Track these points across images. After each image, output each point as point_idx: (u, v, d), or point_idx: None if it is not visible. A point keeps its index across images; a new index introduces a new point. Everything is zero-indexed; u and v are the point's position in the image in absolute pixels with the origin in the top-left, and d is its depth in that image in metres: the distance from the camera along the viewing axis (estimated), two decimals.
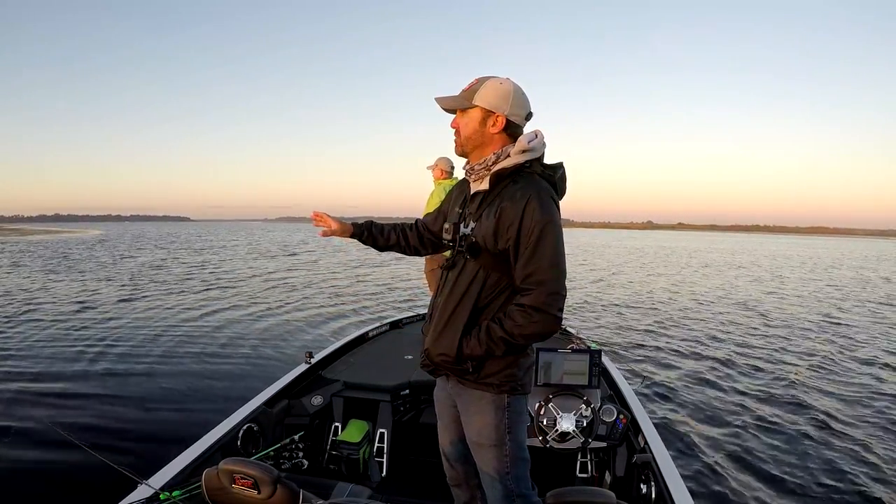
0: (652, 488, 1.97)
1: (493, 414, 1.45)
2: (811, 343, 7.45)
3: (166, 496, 1.50)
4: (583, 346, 3.03)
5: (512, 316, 1.34)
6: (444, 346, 1.42)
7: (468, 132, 1.42)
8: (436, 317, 1.48)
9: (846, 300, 12.40)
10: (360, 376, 2.89)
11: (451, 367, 1.45)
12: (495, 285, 1.40)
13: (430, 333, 1.49)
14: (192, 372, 5.19)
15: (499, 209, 1.36)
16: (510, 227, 1.34)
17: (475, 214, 1.44)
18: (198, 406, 4.26)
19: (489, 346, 1.37)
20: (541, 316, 1.32)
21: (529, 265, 1.33)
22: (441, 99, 1.46)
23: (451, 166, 4.15)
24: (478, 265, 1.41)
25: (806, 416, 4.47)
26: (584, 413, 2.34)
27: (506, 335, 1.34)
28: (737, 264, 23.79)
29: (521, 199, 1.34)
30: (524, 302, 1.33)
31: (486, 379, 1.44)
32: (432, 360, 1.48)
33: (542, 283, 1.32)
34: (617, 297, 11.67)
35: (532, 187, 1.36)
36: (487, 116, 1.40)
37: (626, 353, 6.45)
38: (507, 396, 1.46)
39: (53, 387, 4.62)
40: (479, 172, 1.44)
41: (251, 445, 2.27)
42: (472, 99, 1.40)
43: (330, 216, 1.69)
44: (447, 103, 1.45)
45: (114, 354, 5.76)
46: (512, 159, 1.39)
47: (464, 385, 1.48)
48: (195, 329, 7.17)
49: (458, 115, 1.45)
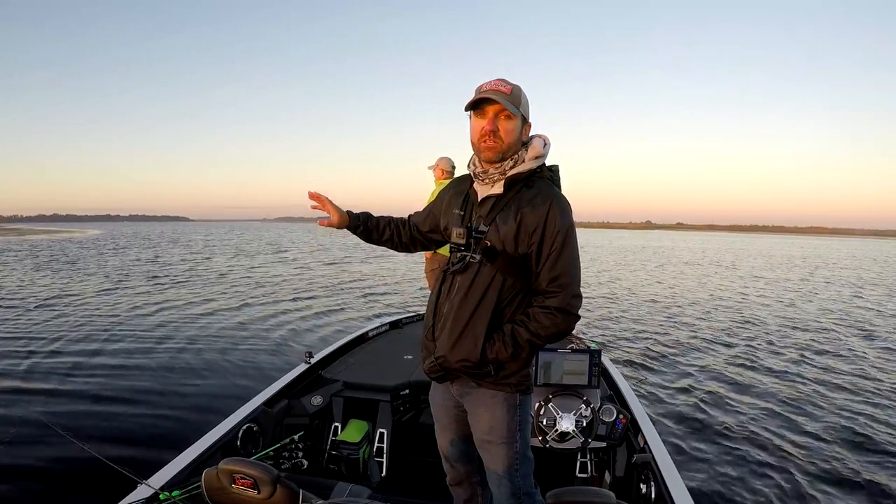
0: (652, 488, 1.97)
1: (505, 412, 1.47)
2: (811, 343, 7.46)
3: (166, 496, 1.50)
4: (582, 345, 3.02)
5: (537, 318, 1.37)
6: (465, 351, 1.41)
7: (512, 139, 1.40)
8: (448, 323, 1.45)
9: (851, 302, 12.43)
10: (360, 376, 2.89)
11: (472, 372, 1.45)
12: (512, 288, 1.41)
13: (442, 340, 1.46)
14: (192, 372, 5.19)
15: (519, 214, 1.38)
16: (534, 232, 1.36)
17: (487, 218, 1.43)
18: (198, 406, 4.25)
19: (515, 349, 1.39)
20: (565, 317, 1.37)
21: (555, 268, 1.36)
22: (504, 98, 1.35)
23: (452, 166, 4.10)
24: (494, 269, 1.40)
25: (806, 415, 4.48)
26: (583, 413, 2.34)
27: (532, 337, 1.37)
28: (725, 263, 23.83)
29: (542, 205, 1.37)
30: (549, 304, 1.37)
31: (506, 380, 1.46)
32: (449, 367, 1.45)
33: (566, 285, 1.37)
34: (617, 296, 11.68)
35: (550, 193, 1.40)
36: (524, 125, 1.43)
37: (626, 353, 6.45)
38: (519, 395, 1.49)
39: (53, 387, 4.62)
40: (492, 176, 1.43)
41: (251, 445, 2.27)
42: (519, 106, 1.39)
43: (329, 200, 1.63)
44: (508, 104, 1.35)
45: (113, 354, 5.75)
46: (527, 164, 1.42)
47: (479, 385, 1.48)
48: (195, 329, 7.16)
49: (502, 120, 1.38)
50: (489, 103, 1.37)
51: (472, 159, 1.49)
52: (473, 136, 1.42)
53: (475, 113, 1.40)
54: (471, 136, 1.43)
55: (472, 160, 1.49)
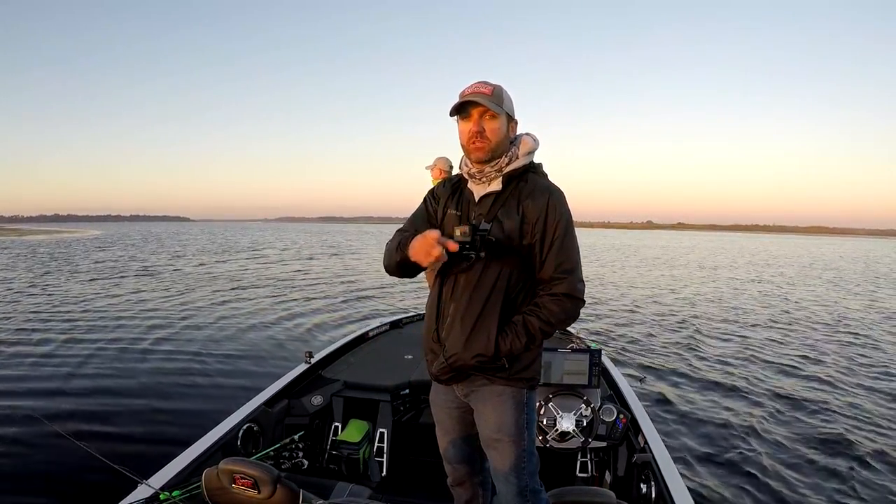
0: (652, 488, 1.97)
1: (513, 409, 1.49)
2: (810, 343, 7.46)
3: (166, 496, 1.50)
4: (583, 345, 3.02)
5: (546, 306, 1.42)
6: (479, 346, 1.42)
7: (499, 138, 1.44)
8: (457, 322, 1.45)
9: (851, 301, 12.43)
10: (360, 376, 2.89)
11: (486, 367, 1.45)
12: (518, 280, 1.45)
13: (452, 339, 1.45)
14: (192, 372, 5.19)
15: (521, 207, 1.43)
16: (536, 223, 1.42)
17: (488, 215, 1.46)
18: (198, 406, 4.26)
19: (529, 339, 1.42)
20: (573, 302, 1.43)
21: (559, 256, 1.42)
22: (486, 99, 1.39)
23: (450, 166, 4.10)
24: (500, 263, 1.44)
25: (806, 415, 4.48)
26: (584, 413, 2.34)
27: (543, 325, 1.41)
28: (722, 265, 23.82)
29: (541, 197, 1.43)
30: (557, 291, 1.42)
31: (519, 374, 1.48)
32: (464, 365, 1.45)
33: (570, 271, 1.42)
34: (616, 296, 11.68)
35: (547, 185, 1.47)
36: (509, 123, 1.48)
37: (626, 353, 6.45)
38: (527, 391, 1.51)
39: (53, 387, 4.62)
40: (489, 175, 1.48)
41: (251, 445, 2.27)
42: (502, 105, 1.44)
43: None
44: (490, 104, 1.39)
45: (113, 355, 5.75)
46: (521, 161, 1.48)
47: (491, 382, 1.48)
48: (195, 329, 7.17)
49: (487, 120, 1.42)
50: (473, 106, 1.42)
51: (463, 160, 1.53)
52: (462, 139, 1.47)
53: (461, 117, 1.46)
54: (460, 139, 1.48)
55: (464, 161, 1.53)
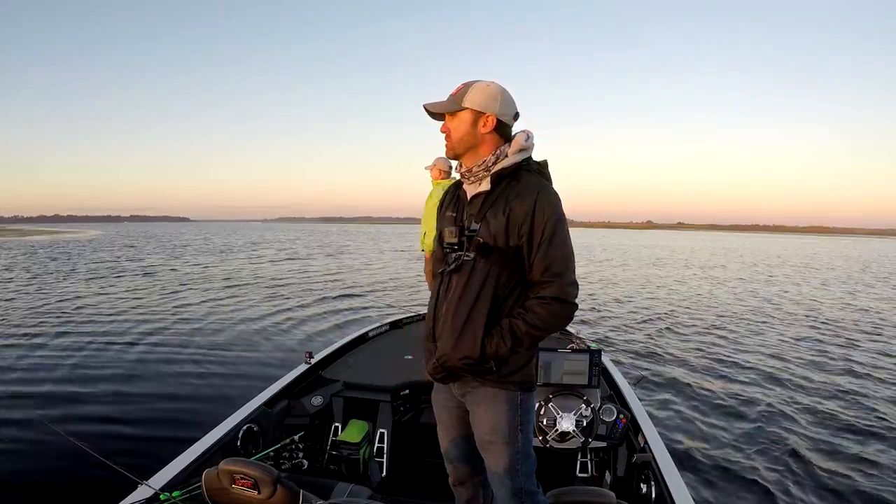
0: (652, 488, 1.97)
1: (507, 411, 1.47)
2: (810, 342, 7.46)
3: (166, 496, 1.50)
4: (582, 345, 3.02)
5: (533, 309, 1.38)
6: (466, 349, 1.41)
7: (460, 134, 1.45)
8: (447, 323, 1.46)
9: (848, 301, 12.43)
10: (360, 376, 2.89)
11: (474, 370, 1.45)
12: (507, 282, 1.43)
13: (443, 340, 1.46)
14: (192, 372, 5.19)
15: (508, 207, 1.39)
16: (523, 224, 1.38)
17: (477, 215, 1.45)
18: (198, 406, 4.26)
19: (514, 343, 1.39)
20: (561, 305, 1.38)
21: (547, 258, 1.38)
22: (431, 105, 1.47)
23: (450, 166, 4.13)
24: (488, 265, 1.42)
25: (806, 414, 4.47)
26: (584, 413, 2.34)
27: (530, 329, 1.38)
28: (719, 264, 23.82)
29: (529, 196, 1.39)
30: (545, 294, 1.38)
31: (509, 377, 1.46)
32: (452, 366, 1.45)
33: (559, 274, 1.38)
34: (616, 296, 11.68)
35: (537, 184, 1.42)
36: (478, 117, 1.44)
37: (626, 353, 6.44)
38: (521, 393, 1.48)
39: (52, 387, 4.62)
40: (477, 174, 1.47)
41: (251, 446, 2.27)
42: (461, 102, 1.43)
43: None
44: (437, 108, 1.47)
45: (113, 355, 5.75)
46: (511, 159, 1.44)
47: (482, 384, 1.48)
48: (195, 329, 7.17)
49: (447, 120, 1.47)
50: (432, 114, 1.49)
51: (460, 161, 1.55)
52: None
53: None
54: None
55: (460, 161, 1.55)
